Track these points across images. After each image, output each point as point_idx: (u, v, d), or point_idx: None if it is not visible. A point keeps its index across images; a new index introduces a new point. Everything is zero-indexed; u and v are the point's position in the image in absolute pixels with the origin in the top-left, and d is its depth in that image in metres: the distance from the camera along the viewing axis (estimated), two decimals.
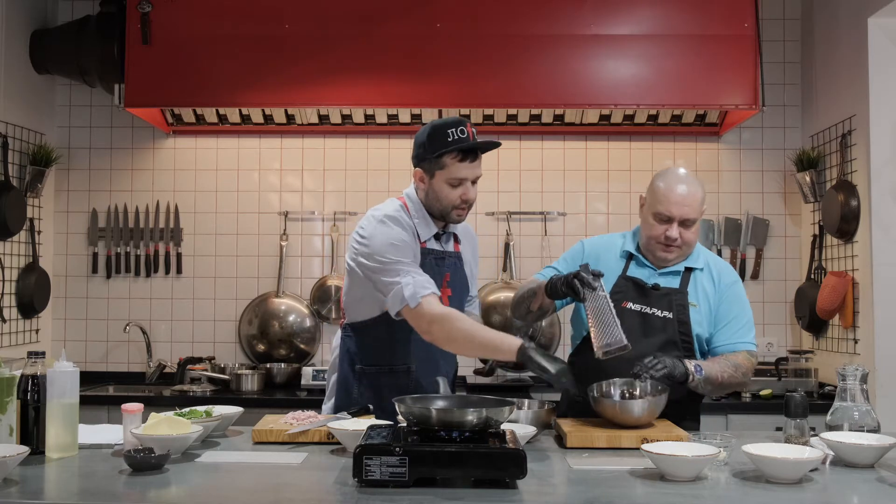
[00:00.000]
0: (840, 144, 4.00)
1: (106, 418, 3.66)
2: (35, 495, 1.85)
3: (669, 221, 2.63)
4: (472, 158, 2.61)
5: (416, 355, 2.68)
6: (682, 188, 2.63)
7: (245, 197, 4.55)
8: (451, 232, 2.77)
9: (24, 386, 2.21)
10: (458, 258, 2.78)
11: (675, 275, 2.72)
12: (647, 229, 2.69)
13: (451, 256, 2.75)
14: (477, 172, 2.63)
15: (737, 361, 2.67)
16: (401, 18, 4.00)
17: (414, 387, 2.65)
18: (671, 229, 2.63)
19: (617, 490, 1.89)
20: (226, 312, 4.52)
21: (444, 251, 2.73)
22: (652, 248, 2.69)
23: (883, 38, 3.75)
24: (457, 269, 2.76)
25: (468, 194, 2.63)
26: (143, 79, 4.02)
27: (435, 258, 2.69)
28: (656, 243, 2.67)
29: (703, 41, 3.98)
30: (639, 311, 2.67)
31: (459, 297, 2.76)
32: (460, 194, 2.62)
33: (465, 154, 2.59)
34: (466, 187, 2.62)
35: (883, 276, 3.72)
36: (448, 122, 2.62)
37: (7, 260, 4.12)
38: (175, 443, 2.14)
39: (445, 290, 2.69)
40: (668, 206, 2.62)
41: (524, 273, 4.47)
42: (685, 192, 2.63)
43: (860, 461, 2.12)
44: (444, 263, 2.71)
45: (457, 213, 2.66)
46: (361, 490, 1.85)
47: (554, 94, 4.01)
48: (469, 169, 2.61)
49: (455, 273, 2.75)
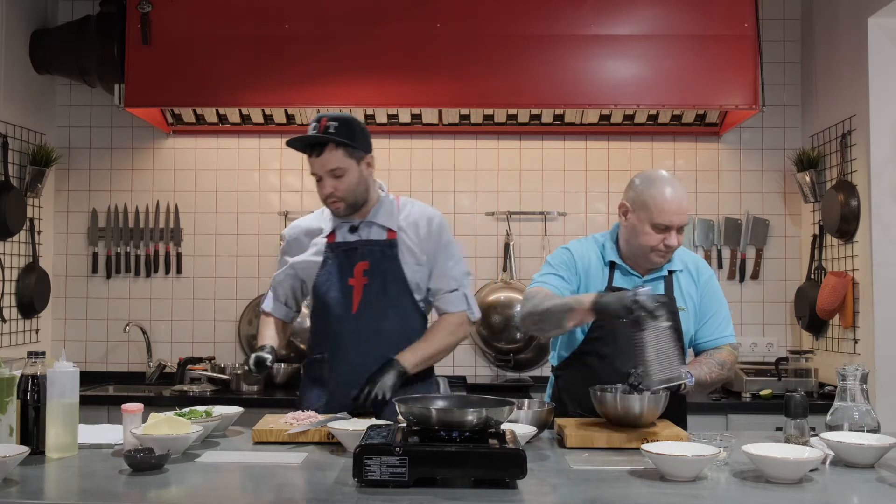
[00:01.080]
0: (840, 144, 4.01)
1: (106, 418, 3.66)
2: (35, 495, 1.85)
3: (668, 230, 2.60)
4: (316, 152, 2.68)
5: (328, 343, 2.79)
6: (676, 195, 2.60)
7: (245, 197, 4.55)
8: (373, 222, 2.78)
9: (24, 386, 2.21)
10: (387, 246, 2.77)
11: (659, 280, 2.71)
12: (641, 239, 2.62)
13: (374, 245, 2.77)
14: (326, 166, 2.68)
15: (721, 359, 2.68)
16: (401, 18, 4.00)
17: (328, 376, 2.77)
18: (670, 237, 2.60)
19: (617, 490, 1.89)
20: (226, 312, 4.52)
21: (360, 241, 2.78)
22: (647, 257, 2.65)
23: (883, 38, 3.75)
24: (384, 258, 2.76)
25: (325, 188, 2.70)
26: (143, 79, 4.02)
27: (344, 250, 2.78)
28: (652, 251, 2.62)
29: (703, 41, 3.98)
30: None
31: (382, 285, 2.75)
32: (321, 188, 2.72)
33: (308, 147, 2.70)
34: (324, 183, 2.69)
35: (883, 276, 3.72)
36: (314, 119, 2.71)
37: (7, 260, 4.12)
38: (175, 443, 2.14)
39: (360, 278, 2.75)
40: (668, 216, 2.58)
41: (524, 273, 4.47)
42: (680, 199, 2.60)
43: (860, 461, 2.12)
44: (356, 254, 2.77)
45: (329, 205, 2.76)
46: (361, 490, 1.85)
47: (554, 94, 4.01)
48: (315, 164, 2.70)
49: (379, 262, 2.76)
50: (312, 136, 2.66)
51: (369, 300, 2.74)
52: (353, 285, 2.75)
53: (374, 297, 2.75)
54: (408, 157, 4.54)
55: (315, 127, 2.66)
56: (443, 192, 4.54)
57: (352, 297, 2.74)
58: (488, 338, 4.43)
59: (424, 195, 4.50)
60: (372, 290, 2.75)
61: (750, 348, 4.43)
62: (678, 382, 2.37)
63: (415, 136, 4.52)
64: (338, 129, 2.65)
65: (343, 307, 2.75)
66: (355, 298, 2.74)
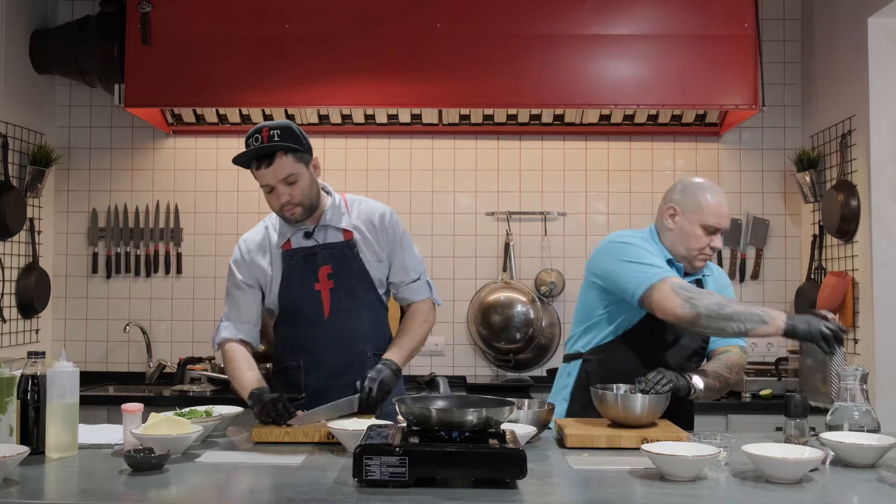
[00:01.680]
0: (840, 144, 4.01)
1: (106, 418, 3.66)
2: (35, 495, 1.85)
3: (716, 232, 2.70)
4: (266, 163, 2.61)
5: (303, 351, 2.76)
6: (724, 199, 2.74)
7: (245, 197, 4.54)
8: (328, 225, 2.76)
9: (24, 386, 2.21)
10: (346, 247, 2.76)
11: (692, 282, 2.73)
12: (692, 241, 2.69)
13: (335, 247, 2.75)
14: (280, 174, 2.61)
15: (729, 362, 2.71)
16: (401, 18, 4.00)
17: (304, 382, 2.74)
18: (716, 240, 2.70)
19: (617, 490, 1.89)
20: None
21: (318, 245, 2.74)
22: (695, 259, 2.72)
23: (883, 38, 3.75)
24: (345, 258, 2.75)
25: (280, 197, 2.64)
26: (143, 79, 4.02)
27: (304, 256, 2.74)
28: (700, 254, 2.71)
29: (703, 41, 3.98)
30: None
31: (348, 287, 2.75)
32: (275, 198, 2.65)
33: (257, 160, 2.62)
34: (278, 191, 2.63)
35: (883, 276, 3.72)
36: (248, 134, 2.62)
37: (7, 260, 4.12)
38: (175, 443, 2.14)
39: (326, 283, 2.73)
40: (719, 218, 2.69)
41: (524, 273, 4.48)
42: (726, 203, 2.74)
43: (860, 461, 2.12)
44: (317, 258, 2.74)
45: (287, 213, 2.69)
46: (361, 490, 1.85)
47: (554, 94, 4.01)
48: (267, 174, 2.62)
49: (342, 263, 2.75)
50: (261, 147, 2.58)
51: (339, 303, 2.74)
52: (319, 290, 2.73)
53: (343, 299, 2.74)
54: (408, 157, 4.54)
55: (258, 139, 2.59)
56: (443, 192, 4.54)
57: (321, 303, 2.73)
58: (488, 338, 4.42)
59: (424, 195, 4.51)
60: (340, 293, 2.74)
61: (750, 348, 4.41)
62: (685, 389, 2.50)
63: (415, 136, 4.52)
64: (281, 135, 2.60)
65: (314, 313, 2.74)
66: (325, 303, 2.73)
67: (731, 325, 2.45)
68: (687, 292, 2.50)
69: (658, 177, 4.49)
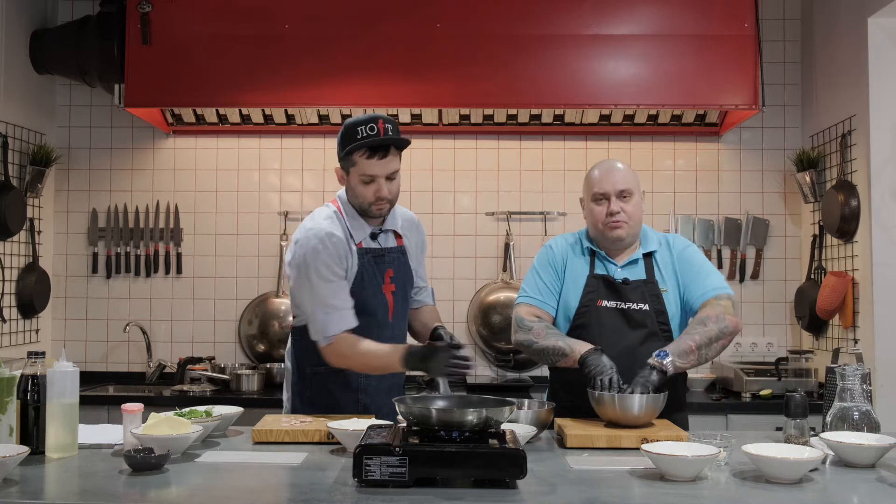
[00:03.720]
0: (840, 144, 4.01)
1: (106, 418, 3.67)
2: (35, 495, 1.85)
3: (606, 198, 2.71)
4: (381, 155, 2.62)
5: None
6: (606, 166, 2.77)
7: (245, 197, 4.55)
8: (389, 229, 2.79)
9: (24, 386, 2.21)
10: (401, 252, 2.81)
11: (636, 264, 2.75)
12: (591, 218, 2.76)
13: (393, 252, 2.79)
14: (389, 168, 2.64)
15: (702, 316, 2.64)
16: (401, 18, 4.00)
17: (364, 385, 2.74)
18: (611, 204, 2.70)
19: (617, 490, 1.89)
20: (226, 312, 4.52)
21: (384, 248, 2.77)
22: (602, 233, 2.74)
23: (883, 38, 3.75)
24: (401, 264, 2.80)
25: (381, 191, 2.65)
26: (143, 79, 4.02)
27: (373, 257, 2.74)
28: (603, 225, 2.72)
29: (703, 41, 3.98)
30: (615, 307, 2.71)
31: (404, 291, 2.82)
32: (374, 191, 2.65)
33: (372, 150, 2.62)
34: (379, 184, 2.65)
35: (883, 276, 3.72)
36: (360, 120, 2.64)
37: (7, 260, 4.12)
38: (175, 443, 2.14)
39: (389, 286, 2.76)
40: (601, 184, 2.72)
41: (524, 273, 4.45)
42: (609, 169, 2.75)
43: (860, 461, 2.12)
44: (384, 260, 2.76)
45: (376, 208, 2.69)
46: (361, 490, 1.85)
47: (554, 94, 4.01)
48: (379, 165, 2.63)
49: (399, 268, 2.79)
50: (381, 139, 2.60)
51: (398, 307, 2.79)
52: (385, 293, 2.76)
53: (401, 303, 2.80)
54: (408, 157, 4.51)
55: (374, 129, 2.60)
56: (443, 192, 4.54)
57: (388, 305, 2.76)
58: (488, 338, 4.43)
59: (424, 195, 4.51)
60: (398, 298, 2.79)
61: (750, 348, 4.43)
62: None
63: (415, 136, 4.48)
64: (394, 130, 2.64)
65: (382, 315, 2.75)
66: (390, 306, 2.77)
67: (541, 359, 2.71)
68: (523, 327, 2.72)
69: (658, 177, 4.49)
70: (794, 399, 2.25)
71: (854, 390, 2.33)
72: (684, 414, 2.81)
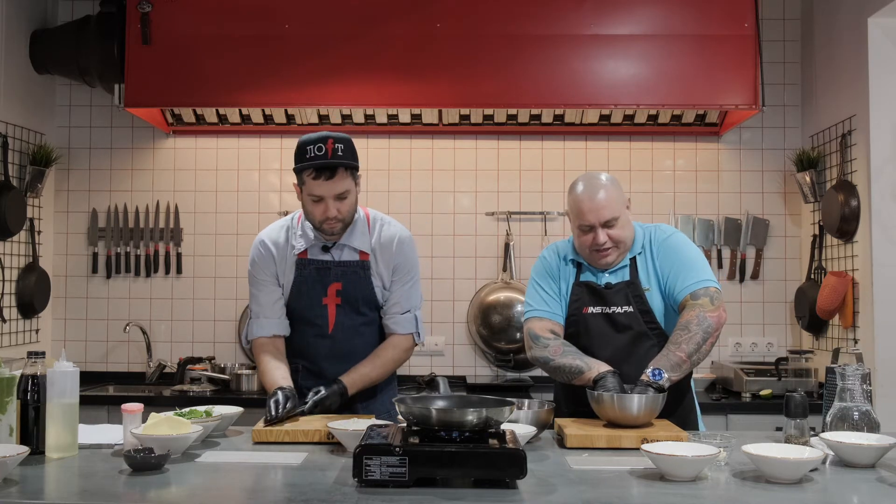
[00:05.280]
0: (840, 144, 4.01)
1: (106, 418, 3.67)
2: (35, 495, 1.85)
3: (592, 229, 2.66)
4: (327, 175, 2.62)
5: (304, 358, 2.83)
6: (591, 194, 2.66)
7: (245, 197, 4.55)
8: (345, 245, 2.77)
9: (24, 386, 2.21)
10: (360, 267, 2.79)
11: (623, 269, 2.74)
12: (578, 242, 2.74)
13: (346, 266, 2.78)
14: (335, 189, 2.64)
15: (684, 321, 2.57)
16: (401, 18, 4.00)
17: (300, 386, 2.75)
18: (597, 235, 2.66)
19: (617, 490, 1.89)
20: (226, 312, 4.52)
21: (333, 261, 2.77)
22: (589, 257, 2.73)
23: (883, 38, 3.75)
24: (356, 279, 2.78)
25: (329, 211, 2.66)
26: (143, 79, 4.02)
27: (316, 268, 2.77)
28: (590, 252, 2.70)
29: (703, 41, 3.98)
30: (600, 312, 2.71)
31: (354, 306, 2.79)
32: (322, 210, 2.66)
33: (318, 171, 2.62)
34: (327, 204, 2.65)
35: (883, 276, 3.72)
36: (310, 139, 2.64)
37: (7, 260, 4.12)
38: (175, 443, 2.14)
39: (333, 298, 2.77)
40: (584, 216, 2.66)
41: (524, 273, 4.47)
42: (595, 197, 2.65)
43: (860, 461, 2.12)
44: (329, 274, 2.77)
45: (327, 226, 2.70)
46: (361, 490, 1.85)
47: (554, 94, 4.01)
48: (325, 186, 2.63)
49: (352, 283, 2.78)
50: (326, 161, 2.60)
51: (342, 320, 2.79)
52: (326, 304, 2.78)
53: (348, 317, 2.79)
54: (408, 157, 4.54)
55: (321, 149, 2.60)
56: (443, 192, 4.54)
57: (327, 317, 2.78)
58: (488, 338, 4.43)
59: (424, 195, 4.51)
60: (345, 311, 2.79)
61: (750, 348, 4.43)
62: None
63: (415, 136, 4.52)
64: (344, 151, 2.63)
65: (319, 326, 2.80)
66: (330, 318, 2.78)
67: (557, 376, 2.67)
68: (539, 344, 2.69)
69: (658, 177, 4.49)
70: (794, 399, 2.25)
71: (854, 390, 2.33)
72: (692, 409, 2.82)
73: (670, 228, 2.80)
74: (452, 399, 2.17)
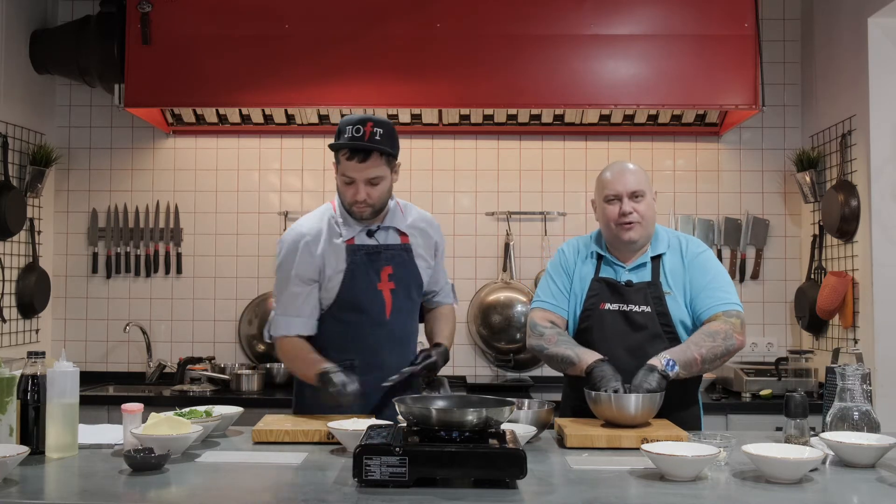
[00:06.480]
0: (840, 144, 4.01)
1: (106, 418, 3.66)
2: (35, 495, 1.85)
3: (619, 199, 2.71)
4: (360, 158, 2.60)
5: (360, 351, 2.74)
6: (617, 168, 2.78)
7: (245, 197, 4.55)
8: (390, 227, 2.78)
9: (24, 386, 2.21)
10: (404, 250, 2.79)
11: (644, 267, 2.75)
12: (604, 218, 2.77)
13: (393, 249, 2.77)
14: (368, 173, 2.62)
15: (712, 330, 2.63)
16: (400, 18, 4.00)
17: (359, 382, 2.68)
18: (623, 205, 2.70)
19: (617, 490, 1.89)
20: (226, 312, 4.52)
21: (381, 245, 2.75)
22: (615, 235, 2.73)
23: (883, 38, 3.75)
24: (403, 262, 2.78)
25: (359, 194, 2.64)
26: (143, 79, 4.02)
27: (366, 253, 2.73)
28: (616, 226, 2.72)
29: (703, 41, 3.98)
30: (617, 309, 2.72)
31: (406, 289, 2.79)
32: (353, 193, 2.65)
33: (352, 152, 2.60)
34: (357, 187, 2.64)
35: (883, 276, 3.72)
36: (352, 119, 2.64)
37: (7, 260, 4.12)
38: (175, 443, 2.14)
39: (386, 283, 2.74)
40: (613, 185, 2.73)
41: (524, 273, 4.48)
42: (621, 170, 2.76)
43: (860, 461, 2.12)
44: (380, 258, 2.74)
45: (356, 209, 2.69)
46: (361, 490, 1.85)
47: (554, 94, 4.01)
48: (357, 169, 2.62)
49: (400, 266, 2.77)
50: (361, 143, 2.58)
51: (399, 305, 2.76)
52: (381, 290, 2.73)
53: (402, 301, 2.77)
54: (408, 157, 4.53)
55: (360, 131, 2.58)
56: (443, 192, 4.54)
57: (384, 303, 2.74)
58: (488, 338, 4.43)
59: (424, 195, 4.51)
60: (399, 295, 2.76)
61: (750, 348, 4.43)
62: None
63: (415, 136, 4.52)
64: (383, 136, 2.61)
65: (377, 313, 2.74)
66: (387, 304, 2.74)
67: (551, 364, 2.76)
68: (536, 332, 2.75)
69: (658, 177, 4.49)
70: (794, 399, 2.25)
71: (854, 390, 2.33)
72: (696, 412, 2.82)
73: (703, 244, 2.85)
74: (452, 399, 2.18)
